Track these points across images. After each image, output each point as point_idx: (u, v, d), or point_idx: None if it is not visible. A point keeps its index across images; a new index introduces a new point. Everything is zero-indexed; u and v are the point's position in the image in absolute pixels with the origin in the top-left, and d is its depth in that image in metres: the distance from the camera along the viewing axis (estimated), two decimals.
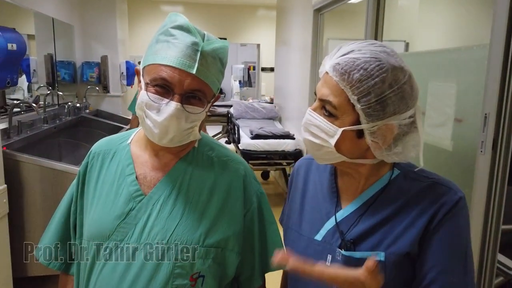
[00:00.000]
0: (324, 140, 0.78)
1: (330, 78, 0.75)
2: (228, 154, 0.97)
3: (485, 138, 1.43)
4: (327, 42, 3.69)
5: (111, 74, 4.85)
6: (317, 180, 0.94)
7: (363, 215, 0.83)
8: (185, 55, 0.79)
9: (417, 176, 0.83)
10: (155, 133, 0.82)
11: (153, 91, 0.81)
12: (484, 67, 1.43)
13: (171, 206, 0.87)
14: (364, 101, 0.73)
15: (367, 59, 0.73)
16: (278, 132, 4.00)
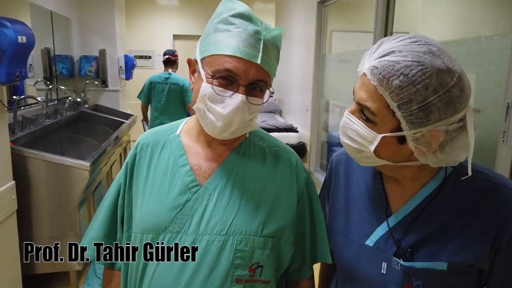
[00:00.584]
0: (362, 145, 0.74)
1: (368, 81, 0.70)
2: (278, 144, 0.96)
3: (507, 127, 1.43)
4: (331, 34, 3.67)
5: (110, 68, 4.78)
6: (360, 180, 0.90)
7: (416, 220, 0.78)
8: (249, 44, 0.77)
9: (474, 174, 0.74)
10: (218, 126, 0.80)
11: (217, 84, 0.78)
12: (506, 57, 1.42)
13: (228, 196, 0.85)
14: (405, 108, 0.68)
15: (408, 63, 0.66)
16: (281, 126, 3.99)
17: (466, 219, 0.74)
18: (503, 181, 0.75)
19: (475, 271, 0.75)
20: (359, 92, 0.73)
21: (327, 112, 3.79)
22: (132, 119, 4.33)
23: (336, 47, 3.77)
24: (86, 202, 2.62)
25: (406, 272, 0.76)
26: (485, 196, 0.74)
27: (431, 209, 0.77)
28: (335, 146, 3.69)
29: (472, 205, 0.74)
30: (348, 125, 0.76)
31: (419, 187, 0.79)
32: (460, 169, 0.77)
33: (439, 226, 0.75)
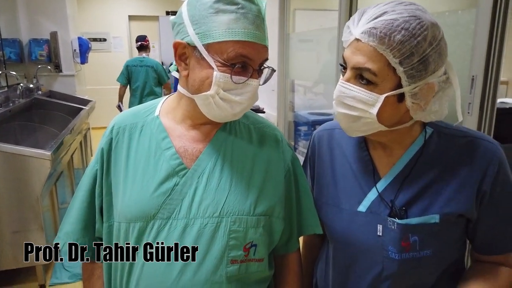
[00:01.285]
0: (363, 110, 0.74)
1: (364, 45, 0.71)
2: (262, 121, 0.95)
3: (472, 100, 1.49)
4: (294, 13, 3.65)
5: (63, 52, 4.51)
6: (346, 151, 0.92)
7: (406, 179, 0.82)
8: (257, 26, 0.74)
9: (452, 132, 0.83)
10: (234, 112, 0.78)
11: (230, 71, 0.74)
12: (471, 31, 1.47)
13: (218, 178, 0.83)
14: (407, 63, 0.70)
15: (406, 19, 0.70)
16: None
17: (451, 172, 0.79)
18: (481, 135, 0.82)
19: (464, 222, 0.81)
20: (354, 58, 0.73)
21: (293, 92, 3.80)
22: (90, 105, 4.14)
23: (299, 26, 3.76)
24: (49, 193, 2.49)
25: (403, 230, 0.79)
26: (467, 150, 0.80)
27: (419, 168, 0.81)
28: (301, 126, 3.73)
29: (456, 159, 0.80)
30: (345, 94, 0.75)
31: (404, 149, 0.84)
32: (439, 129, 0.84)
33: (428, 182, 0.80)
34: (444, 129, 0.84)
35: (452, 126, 0.85)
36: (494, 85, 1.45)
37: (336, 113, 0.79)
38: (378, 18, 0.71)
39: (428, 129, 0.84)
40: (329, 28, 2.87)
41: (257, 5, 0.75)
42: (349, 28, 0.76)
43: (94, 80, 6.99)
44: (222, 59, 0.74)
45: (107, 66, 7.23)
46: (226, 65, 0.74)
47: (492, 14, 1.40)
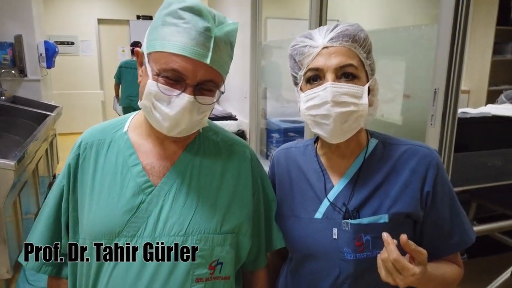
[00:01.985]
0: (356, 104, 0.82)
1: (336, 48, 0.82)
2: (232, 137, 0.95)
3: (435, 112, 1.56)
4: (266, 21, 3.69)
5: (28, 56, 4.35)
6: (300, 166, 0.98)
7: (356, 185, 0.89)
8: (198, 43, 0.73)
9: (394, 142, 0.93)
10: (165, 125, 0.77)
11: (163, 82, 0.74)
12: (433, 45, 1.54)
13: (185, 196, 0.83)
14: (369, 58, 0.85)
15: (353, 24, 0.86)
16: (219, 114, 3.96)
17: (396, 175, 0.89)
18: (419, 143, 0.94)
19: (412, 224, 0.89)
20: (333, 60, 0.82)
21: (265, 99, 3.84)
22: (57, 111, 4.01)
23: (271, 35, 3.80)
24: (12, 204, 2.39)
25: (356, 230, 0.85)
26: (408, 155, 0.90)
27: (367, 173, 0.90)
28: (274, 133, 3.76)
29: (399, 163, 0.90)
30: (339, 92, 0.81)
31: (354, 158, 0.92)
32: (384, 140, 0.95)
33: (376, 185, 0.88)
34: (387, 140, 0.94)
35: (393, 137, 0.96)
36: (455, 97, 1.51)
37: (333, 116, 0.82)
38: (336, 28, 0.84)
39: (374, 140, 0.94)
40: None
41: (207, 22, 0.75)
42: (307, 45, 0.85)
43: (61, 85, 6.79)
44: (156, 69, 0.75)
45: (75, 70, 7.04)
46: (158, 75, 0.75)
47: (452, 29, 1.48)
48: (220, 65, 0.77)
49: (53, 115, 3.78)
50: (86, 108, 7.16)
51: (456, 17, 1.46)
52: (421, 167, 0.88)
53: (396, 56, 1.81)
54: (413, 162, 0.88)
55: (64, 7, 6.84)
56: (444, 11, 1.48)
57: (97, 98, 7.31)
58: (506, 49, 3.74)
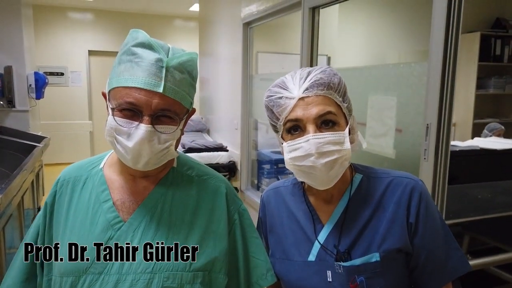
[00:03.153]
0: (339, 151, 0.81)
1: (312, 98, 0.82)
2: (208, 172, 0.95)
3: (428, 146, 1.58)
4: (257, 55, 3.77)
5: (17, 87, 4.33)
6: (290, 206, 0.97)
7: (344, 224, 0.88)
8: (150, 74, 0.75)
9: (378, 176, 0.92)
10: (129, 158, 0.78)
11: (121, 115, 0.76)
12: (423, 82, 1.59)
13: (154, 232, 0.82)
14: (345, 99, 0.86)
15: (325, 70, 0.86)
16: (211, 145, 3.96)
17: (382, 210, 0.88)
18: (401, 173, 0.92)
19: (403, 257, 0.87)
20: (311, 110, 0.81)
21: (256, 131, 3.86)
22: (45, 142, 3.95)
23: (262, 68, 3.88)
24: None
25: (349, 272, 0.84)
26: (391, 188, 0.89)
27: (354, 212, 0.89)
28: (265, 164, 3.76)
29: (383, 197, 0.89)
30: (322, 142, 0.81)
31: (340, 197, 0.91)
32: (368, 174, 0.94)
33: (364, 223, 0.87)
34: (371, 173, 0.93)
35: (376, 169, 0.95)
36: (447, 131, 1.55)
37: (319, 167, 0.81)
38: (309, 76, 0.84)
39: (358, 175, 0.93)
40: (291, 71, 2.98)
41: (158, 54, 0.77)
42: (283, 96, 0.84)
43: (49, 115, 6.73)
44: (114, 104, 0.78)
45: (63, 101, 7.01)
46: (116, 110, 0.77)
47: (442, 65, 1.53)
48: (176, 92, 0.78)
49: (40, 146, 3.72)
50: (74, 139, 7.08)
51: (445, 53, 1.52)
52: (404, 197, 0.87)
53: (388, 91, 1.85)
54: (397, 194, 0.88)
55: (55, 39, 6.89)
56: (434, 48, 1.54)
57: (86, 129, 7.25)
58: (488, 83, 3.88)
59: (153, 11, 7.28)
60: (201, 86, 5.48)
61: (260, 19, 3.36)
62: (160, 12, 7.34)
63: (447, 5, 1.51)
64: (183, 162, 0.92)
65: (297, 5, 2.70)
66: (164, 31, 7.58)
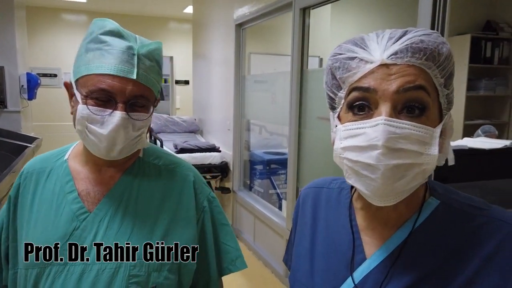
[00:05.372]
0: (420, 154, 0.54)
1: (402, 67, 0.54)
2: (176, 161, 0.95)
3: None
4: (249, 56, 3.78)
5: (9, 87, 4.31)
6: (330, 217, 0.73)
7: (394, 266, 0.60)
8: (122, 61, 0.76)
9: (466, 208, 0.61)
10: (102, 147, 0.77)
11: (93, 103, 0.76)
12: None
13: (120, 222, 0.82)
14: (449, 84, 0.57)
15: (430, 33, 0.55)
16: (203, 146, 3.96)
17: (458, 261, 0.58)
18: (501, 213, 0.60)
19: None
20: (393, 82, 0.53)
21: (248, 131, 3.87)
22: (36, 143, 3.93)
23: (254, 69, 3.89)
24: None
25: None
26: (482, 233, 0.59)
27: (415, 251, 0.60)
28: (257, 165, 3.77)
29: (465, 243, 0.59)
30: (396, 134, 0.53)
31: (400, 224, 0.62)
32: (448, 201, 0.62)
33: (426, 272, 0.59)
34: (454, 201, 0.63)
35: (465, 196, 0.64)
36: None
37: (382, 169, 0.54)
38: (405, 36, 0.56)
39: (433, 200, 0.63)
40: (283, 72, 3.00)
41: (128, 42, 0.78)
42: (356, 55, 0.57)
43: (42, 116, 6.70)
44: (84, 93, 0.76)
45: (56, 102, 6.98)
46: (88, 98, 0.76)
47: None
48: (148, 79, 0.79)
49: (32, 146, 3.71)
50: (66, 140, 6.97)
51: None
52: (502, 254, 0.56)
53: None
54: (490, 245, 0.57)
55: (49, 40, 6.87)
56: None
57: None
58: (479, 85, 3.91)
59: (147, 13, 7.28)
60: (194, 88, 5.49)
61: (252, 20, 3.38)
62: (154, 14, 7.34)
63: (432, 8, 1.53)
64: (150, 152, 0.92)
65: (288, 6, 2.72)
66: (158, 33, 7.59)
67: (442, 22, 1.53)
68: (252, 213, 3.55)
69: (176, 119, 5.13)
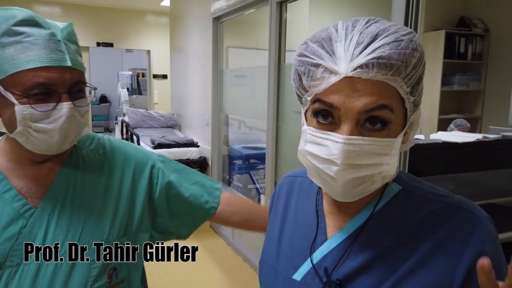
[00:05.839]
0: (377, 165, 0.55)
1: (365, 82, 0.52)
2: (115, 142, 0.94)
3: None
4: (227, 50, 3.75)
5: None
6: (299, 202, 0.75)
7: (352, 246, 0.63)
8: (52, 49, 0.71)
9: (424, 194, 0.64)
10: (54, 142, 0.74)
11: (33, 101, 0.71)
12: None
13: (70, 213, 0.80)
14: (416, 90, 0.57)
15: (408, 36, 0.54)
16: (181, 141, 3.91)
17: (413, 243, 0.60)
18: (460, 200, 0.62)
19: None
20: (357, 101, 0.53)
21: (227, 126, 3.84)
22: None
23: (232, 63, 3.86)
24: None
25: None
26: (437, 217, 0.61)
27: (373, 233, 0.63)
28: (236, 159, 3.75)
29: (421, 226, 0.61)
30: (355, 152, 0.54)
31: (361, 208, 0.65)
32: (410, 188, 0.65)
33: (380, 252, 0.61)
34: (415, 188, 0.65)
35: (428, 185, 0.66)
36: None
37: (340, 182, 0.56)
38: (374, 43, 0.53)
39: (395, 186, 0.65)
40: (261, 66, 2.99)
41: (47, 28, 0.73)
42: (321, 62, 0.55)
43: None
44: (19, 92, 0.71)
45: None
46: (26, 97, 0.71)
47: None
48: (79, 63, 0.77)
49: None
50: None
51: None
52: (454, 238, 0.58)
53: None
54: (444, 230, 0.59)
55: None
56: None
57: None
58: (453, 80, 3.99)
59: (124, 6, 7.12)
60: (172, 83, 5.42)
61: (230, 14, 3.35)
62: (131, 6, 7.19)
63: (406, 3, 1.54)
64: (85, 138, 0.91)
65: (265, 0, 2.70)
66: (135, 27, 7.44)
67: (416, 17, 1.54)
68: None
69: (154, 114, 5.06)
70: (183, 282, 2.85)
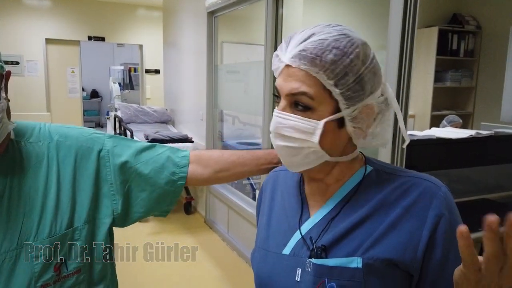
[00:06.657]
0: (303, 140, 0.68)
1: (295, 70, 0.66)
2: (58, 130, 0.90)
3: None
4: (222, 45, 3.73)
5: None
6: (284, 191, 0.85)
7: (335, 218, 0.73)
8: None
9: (392, 172, 0.75)
10: None
11: None
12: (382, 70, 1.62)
13: (7, 210, 0.78)
14: (342, 84, 0.65)
15: (336, 37, 0.65)
16: (175, 136, 3.89)
17: (384, 211, 0.70)
18: (424, 176, 0.73)
19: (402, 275, 0.69)
20: (288, 85, 0.67)
21: (221, 122, 3.83)
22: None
23: (227, 58, 3.85)
24: None
25: (318, 272, 0.69)
26: (404, 188, 0.71)
27: (351, 205, 0.73)
28: None
29: (390, 197, 0.72)
30: (282, 124, 0.69)
31: (338, 187, 0.76)
32: (379, 168, 0.76)
33: (357, 221, 0.71)
34: (386, 168, 0.76)
35: (395, 167, 0.78)
36: (404, 119, 1.60)
37: (275, 147, 0.72)
38: (307, 40, 0.66)
39: (368, 167, 0.76)
40: (256, 61, 2.98)
41: None
42: (278, 56, 0.70)
43: None
44: None
45: (19, 92, 6.66)
46: None
47: (400, 55, 1.57)
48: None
49: None
50: None
51: (402, 46, 1.56)
52: (419, 204, 0.69)
53: None
54: (410, 197, 0.70)
55: (10, 25, 6.52)
56: (391, 40, 1.58)
57: (44, 120, 6.91)
58: (445, 77, 4.03)
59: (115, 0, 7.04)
60: (165, 78, 5.38)
61: (225, 8, 3.33)
62: (122, 0, 7.11)
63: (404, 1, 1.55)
64: (23, 130, 0.87)
65: None
66: (126, 21, 7.36)
67: (414, 13, 1.55)
68: (225, 204, 3.53)
69: (147, 109, 5.02)
70: (178, 278, 2.85)
